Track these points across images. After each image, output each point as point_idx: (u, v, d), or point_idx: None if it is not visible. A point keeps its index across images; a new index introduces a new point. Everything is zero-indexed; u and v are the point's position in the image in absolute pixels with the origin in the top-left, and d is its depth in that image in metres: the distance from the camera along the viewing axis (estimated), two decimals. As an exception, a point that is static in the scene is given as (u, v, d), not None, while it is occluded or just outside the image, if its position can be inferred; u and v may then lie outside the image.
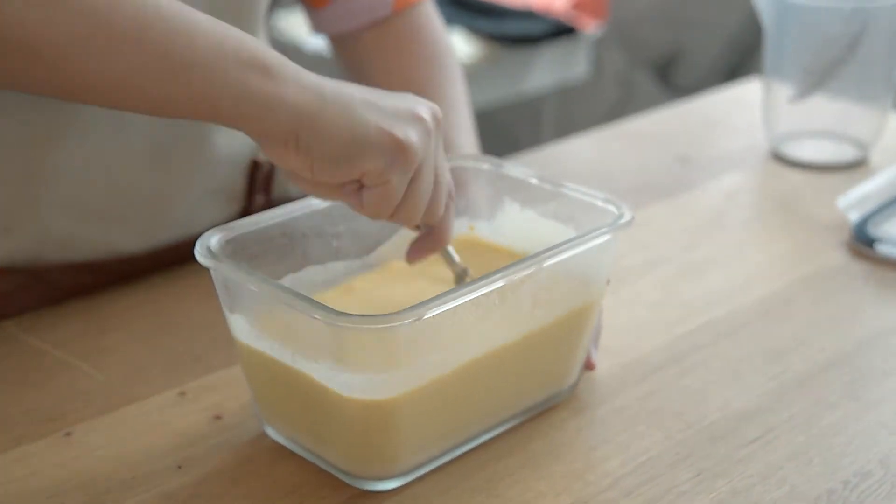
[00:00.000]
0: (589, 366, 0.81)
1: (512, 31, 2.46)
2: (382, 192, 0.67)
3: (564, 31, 2.51)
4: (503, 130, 2.83)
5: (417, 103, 0.69)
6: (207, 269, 0.70)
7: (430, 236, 0.75)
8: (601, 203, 0.77)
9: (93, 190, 0.87)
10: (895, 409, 0.79)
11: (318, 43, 2.23)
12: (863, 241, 1.01)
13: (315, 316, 0.64)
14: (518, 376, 0.74)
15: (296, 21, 2.38)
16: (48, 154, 0.84)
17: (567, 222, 0.80)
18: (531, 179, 0.82)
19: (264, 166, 0.97)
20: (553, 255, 0.71)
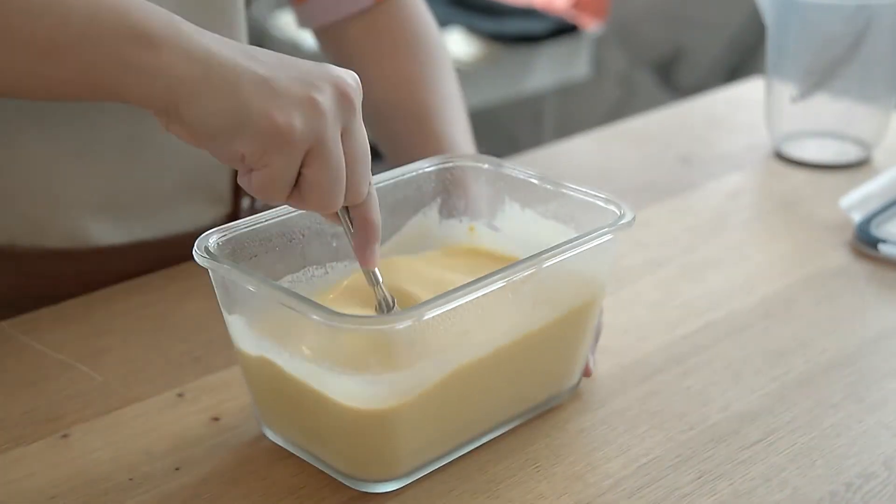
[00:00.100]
0: (586, 373, 0.80)
1: (512, 31, 2.46)
2: (266, 175, 0.65)
3: (565, 30, 2.51)
4: (503, 130, 2.83)
5: (323, 79, 0.65)
6: (206, 270, 0.70)
7: (360, 228, 0.70)
8: (602, 203, 0.77)
9: (63, 177, 0.87)
10: (898, 411, 0.79)
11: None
12: (866, 242, 1.01)
13: (314, 317, 0.63)
14: (519, 377, 0.74)
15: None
16: (15, 140, 0.83)
17: (567, 222, 0.79)
18: (532, 179, 0.82)
19: None
20: (553, 256, 0.70)
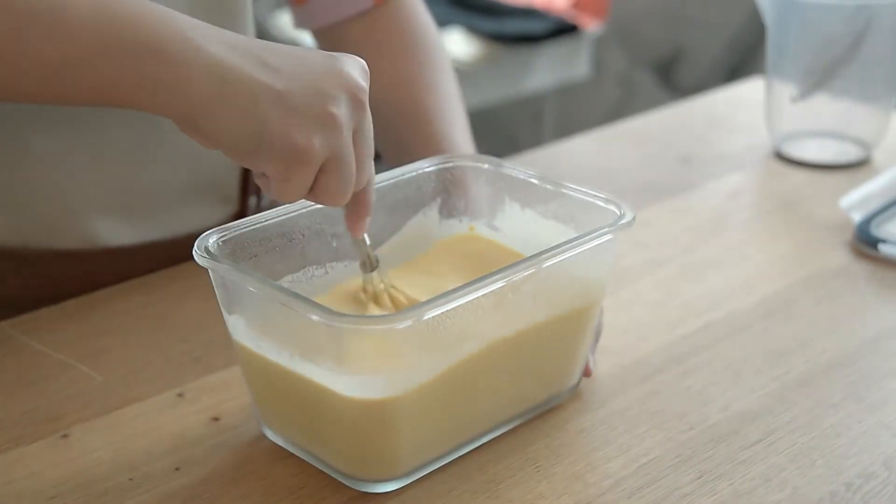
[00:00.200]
0: (587, 373, 0.80)
1: (512, 31, 2.46)
2: (286, 188, 0.66)
3: (565, 30, 2.51)
4: (503, 130, 2.83)
5: (337, 87, 0.65)
6: (206, 270, 0.70)
7: (354, 203, 0.71)
8: (602, 203, 0.77)
9: (74, 178, 0.87)
10: (898, 411, 0.79)
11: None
12: (866, 242, 1.01)
13: (314, 317, 0.63)
14: (519, 377, 0.74)
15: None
16: (26, 142, 0.83)
17: (567, 222, 0.79)
18: (531, 179, 0.82)
19: None
20: (553, 256, 0.70)
